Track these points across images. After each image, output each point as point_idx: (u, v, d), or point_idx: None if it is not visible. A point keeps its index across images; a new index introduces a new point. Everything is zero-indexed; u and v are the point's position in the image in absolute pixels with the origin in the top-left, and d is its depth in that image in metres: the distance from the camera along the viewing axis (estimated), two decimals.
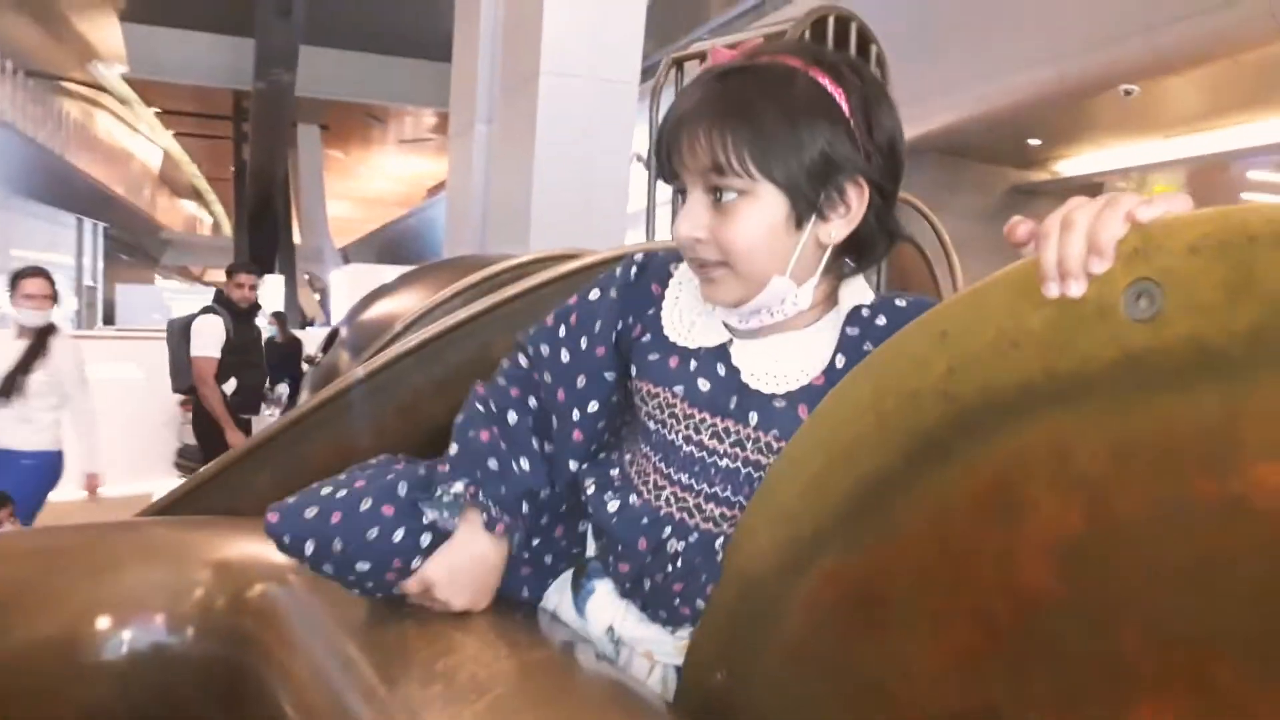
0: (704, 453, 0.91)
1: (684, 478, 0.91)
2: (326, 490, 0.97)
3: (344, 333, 3.49)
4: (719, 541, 0.90)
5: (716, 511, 0.90)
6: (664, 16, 15.87)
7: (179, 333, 5.47)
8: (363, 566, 0.91)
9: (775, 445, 0.88)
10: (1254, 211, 0.49)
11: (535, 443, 0.98)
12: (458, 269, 3.48)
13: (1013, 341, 0.59)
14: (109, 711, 1.11)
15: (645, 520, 0.92)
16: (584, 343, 0.98)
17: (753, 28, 2.97)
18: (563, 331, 1.00)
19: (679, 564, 0.91)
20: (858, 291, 0.93)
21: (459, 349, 2.02)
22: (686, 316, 0.96)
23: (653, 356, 0.95)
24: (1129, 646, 0.54)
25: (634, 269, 1.00)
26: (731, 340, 0.93)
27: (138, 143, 32.53)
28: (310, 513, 0.93)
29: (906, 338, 0.66)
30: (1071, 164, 13.24)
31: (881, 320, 0.90)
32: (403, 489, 0.94)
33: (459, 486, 0.92)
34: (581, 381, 0.98)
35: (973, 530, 0.61)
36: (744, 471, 0.90)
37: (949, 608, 0.63)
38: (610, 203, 5.08)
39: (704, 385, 0.91)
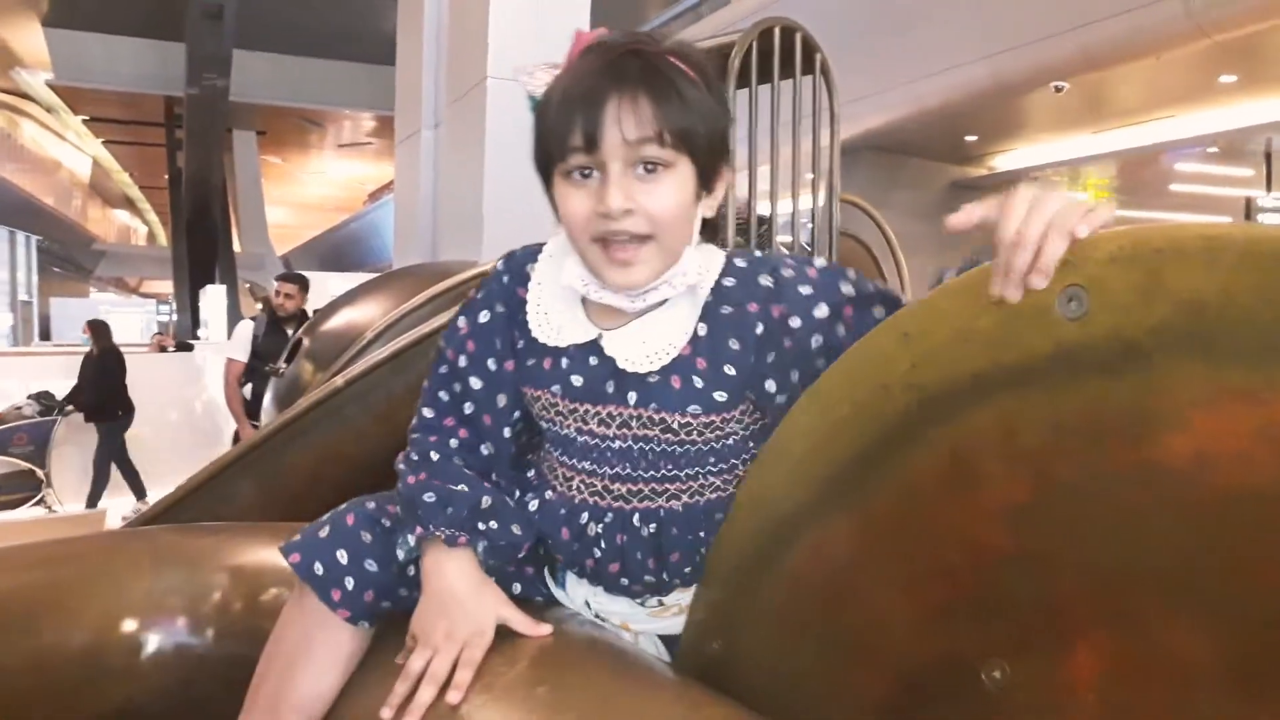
0: (596, 439, 0.96)
1: (585, 465, 0.98)
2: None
3: (307, 343, 3.53)
4: (635, 517, 0.96)
5: (623, 489, 0.96)
6: (605, 19, 15.90)
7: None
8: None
9: (657, 418, 0.93)
10: (1159, 229, 0.60)
11: (465, 467, 1.00)
12: (419, 278, 3.54)
13: (965, 339, 0.69)
14: (136, 711, 1.17)
15: (563, 511, 0.99)
16: (491, 364, 1.01)
17: (700, 41, 3.05)
18: (464, 362, 1.02)
19: (603, 544, 0.97)
20: (703, 257, 0.95)
21: (432, 356, 2.10)
22: (552, 318, 0.98)
23: (529, 361, 0.99)
24: (1068, 592, 0.65)
25: (505, 277, 1.02)
26: (601, 334, 0.95)
27: (65, 151, 31.66)
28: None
29: (874, 338, 0.77)
30: (1007, 159, 13.61)
31: (729, 281, 0.94)
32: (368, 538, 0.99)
33: (410, 539, 0.96)
34: (502, 400, 1.02)
35: (936, 500, 0.72)
36: (636, 448, 0.95)
37: (918, 569, 0.73)
38: None
39: (577, 380, 0.96)
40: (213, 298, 19.52)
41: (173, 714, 1.20)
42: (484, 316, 1.02)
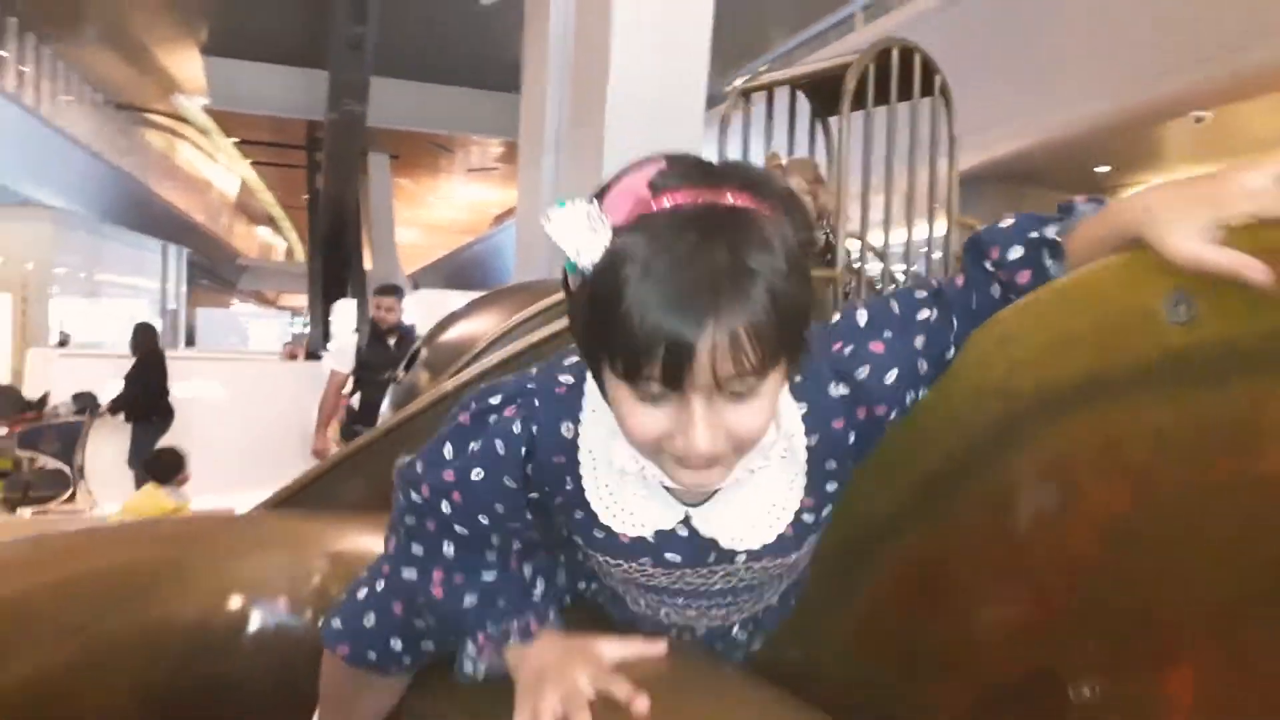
0: (693, 586, 0.86)
1: (679, 601, 0.88)
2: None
3: (424, 353, 3.66)
4: (734, 629, 0.90)
5: (723, 614, 0.89)
6: (728, 45, 16.04)
7: None
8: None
9: (773, 564, 0.83)
10: (1273, 229, 0.57)
11: (480, 554, 0.89)
12: (530, 293, 3.62)
13: (1065, 343, 0.67)
14: (236, 685, 1.23)
15: (650, 625, 0.91)
16: (483, 519, 0.86)
17: (815, 59, 3.05)
18: (447, 508, 0.86)
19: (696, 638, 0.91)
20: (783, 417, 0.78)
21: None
22: (621, 503, 0.82)
23: (598, 534, 0.84)
24: (1168, 611, 0.61)
25: (521, 450, 0.83)
26: (688, 515, 0.82)
27: (216, 171, 33.72)
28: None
29: (974, 342, 0.74)
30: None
31: (803, 408, 0.79)
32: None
33: (471, 649, 0.86)
34: (499, 523, 0.88)
35: (1029, 512, 0.69)
36: (743, 584, 0.86)
37: (1007, 583, 0.71)
38: None
39: (674, 556, 0.83)
40: (343, 312, 20.40)
41: (269, 691, 1.24)
42: (476, 474, 0.84)
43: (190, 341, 20.29)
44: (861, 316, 0.81)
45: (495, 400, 0.84)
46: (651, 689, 0.73)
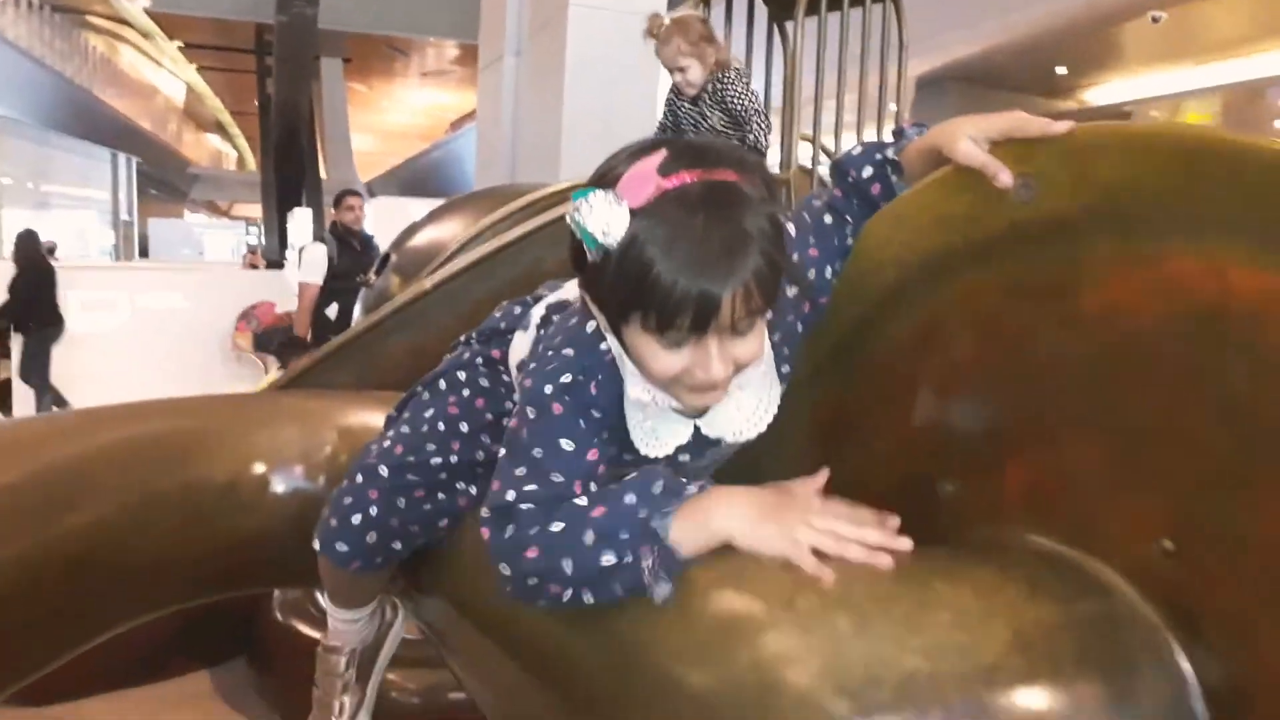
0: (686, 471, 0.98)
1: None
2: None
3: (394, 258, 3.79)
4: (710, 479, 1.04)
5: (702, 473, 1.03)
6: None
7: None
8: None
9: (745, 441, 0.99)
10: (1091, 128, 0.75)
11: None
12: (497, 198, 3.74)
13: (943, 221, 0.85)
14: (260, 538, 1.42)
15: None
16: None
17: None
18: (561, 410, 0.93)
19: None
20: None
21: (512, 264, 2.32)
22: (648, 432, 0.97)
23: (627, 456, 0.98)
24: (1007, 422, 0.82)
25: (570, 397, 0.93)
26: (696, 425, 0.97)
27: (161, 77, 32.60)
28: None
29: (873, 224, 0.93)
30: (1100, 92, 13.16)
31: (791, 292, 0.95)
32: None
33: (649, 560, 0.82)
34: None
35: (915, 357, 0.89)
36: (725, 457, 1.04)
37: (897, 410, 0.91)
38: (637, 133, 5.25)
39: (684, 457, 0.99)
40: (300, 221, 20.14)
41: (288, 543, 1.43)
42: (594, 431, 0.94)
43: (144, 253, 19.99)
44: (791, 229, 0.96)
45: (566, 378, 0.94)
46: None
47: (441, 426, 1.17)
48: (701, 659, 0.76)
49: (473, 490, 1.17)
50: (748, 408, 0.96)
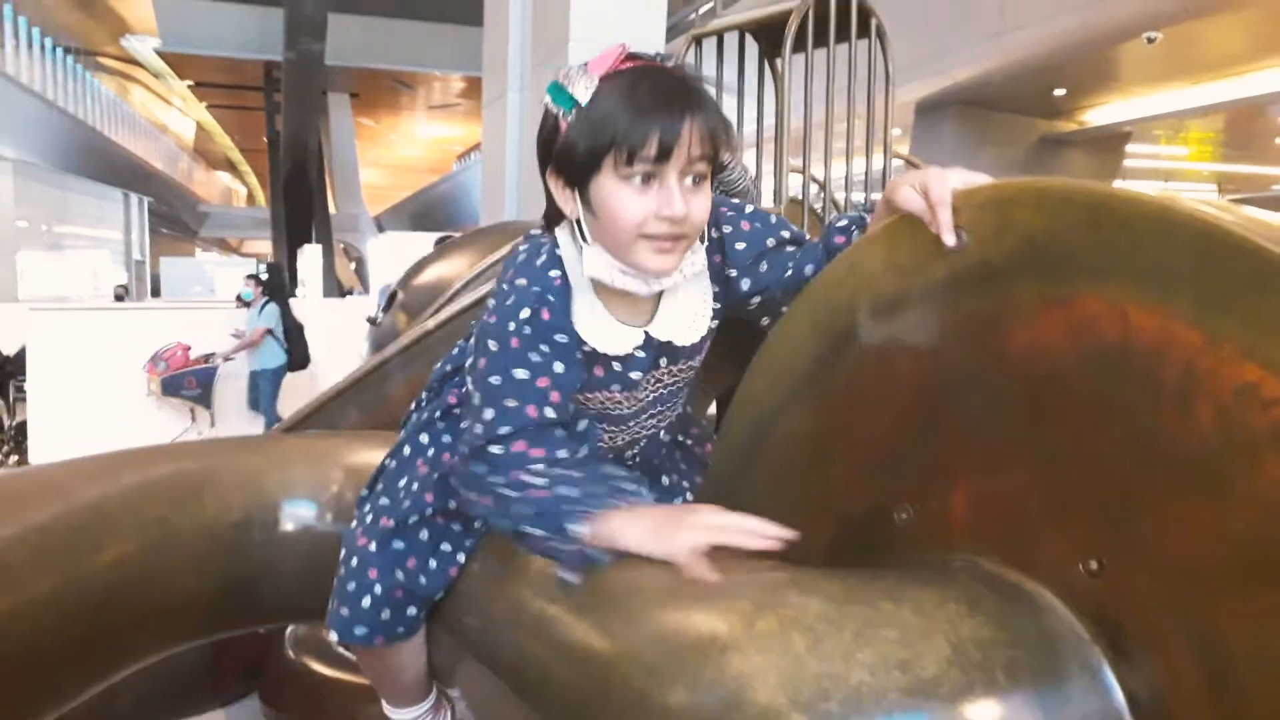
0: (643, 402, 1.16)
1: (630, 424, 1.19)
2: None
3: (401, 295, 3.89)
4: (661, 434, 1.23)
5: (654, 422, 1.21)
6: None
7: None
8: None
9: (687, 366, 1.16)
10: (1013, 183, 0.83)
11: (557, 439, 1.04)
12: (501, 234, 3.85)
13: (890, 268, 0.93)
14: (275, 572, 1.49)
15: (610, 455, 1.19)
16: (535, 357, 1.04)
17: (760, 9, 3.25)
18: (517, 344, 1.04)
19: (637, 459, 1.23)
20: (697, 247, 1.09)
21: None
22: (600, 325, 1.08)
23: (583, 375, 1.08)
24: (950, 451, 0.89)
25: (529, 330, 1.04)
26: (646, 332, 1.09)
27: (172, 116, 33.12)
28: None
29: (831, 269, 1.01)
30: (1100, 113, 13.25)
31: (715, 233, 1.12)
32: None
33: (569, 548, 0.97)
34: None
35: (868, 389, 0.96)
36: (667, 391, 1.18)
37: (853, 440, 0.98)
38: None
39: (635, 374, 1.11)
40: (309, 257, 20.36)
41: (299, 578, 1.50)
42: (553, 358, 1.04)
43: (156, 292, 20.20)
44: (747, 208, 1.16)
45: (525, 313, 1.05)
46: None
47: (415, 487, 1.24)
48: (674, 678, 0.83)
49: (464, 535, 1.23)
50: (687, 315, 1.11)
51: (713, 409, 2.07)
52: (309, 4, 19.08)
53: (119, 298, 12.44)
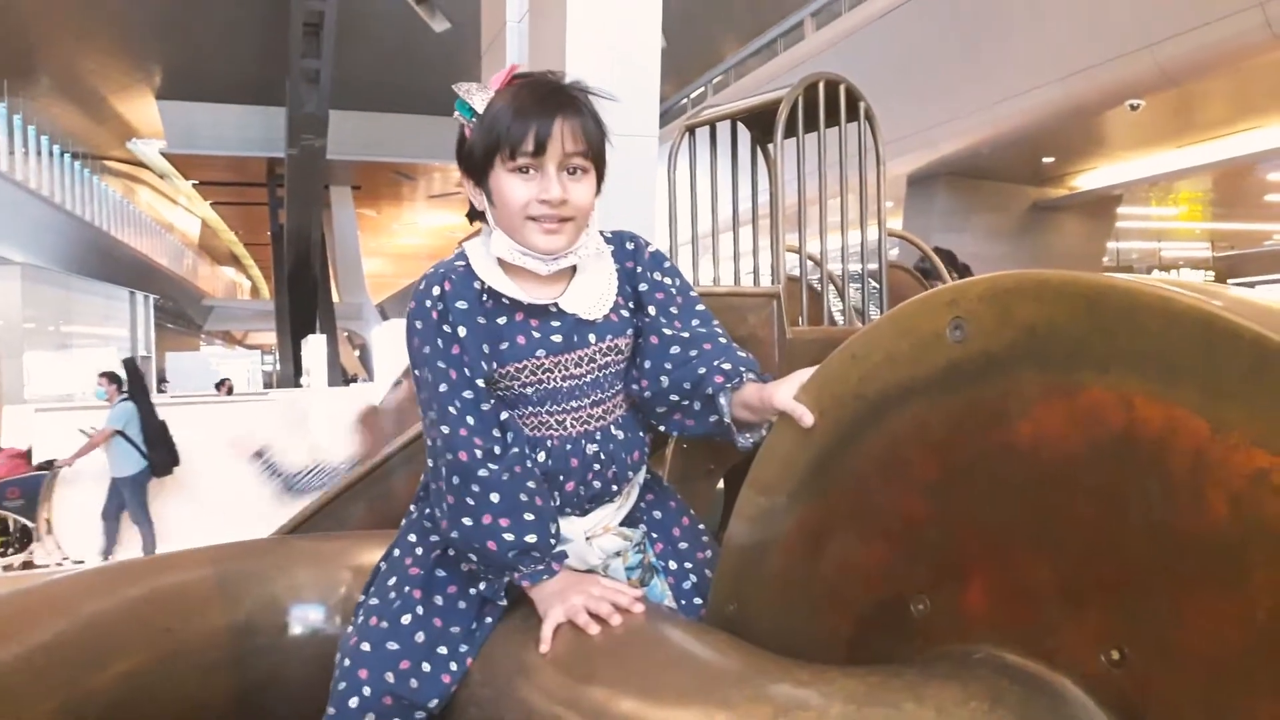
0: (574, 380, 1.25)
1: (573, 404, 1.26)
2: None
3: (405, 383, 3.90)
4: (613, 427, 1.28)
5: (600, 410, 1.27)
6: (679, 66, 16.47)
7: None
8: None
9: (612, 345, 1.27)
10: (1011, 275, 0.84)
11: (503, 461, 1.20)
12: None
13: (892, 359, 0.94)
14: (281, 679, 1.47)
15: (569, 446, 1.25)
16: (483, 364, 1.22)
17: (750, 98, 3.33)
18: (463, 371, 1.21)
19: (602, 457, 1.27)
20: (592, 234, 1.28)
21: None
22: (509, 287, 1.22)
23: (504, 345, 1.22)
24: (963, 541, 0.88)
25: (440, 306, 1.22)
26: (556, 301, 1.24)
27: (177, 214, 33.70)
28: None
29: (833, 359, 1.02)
30: (1090, 178, 13.46)
31: (611, 248, 1.31)
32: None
33: (498, 585, 1.21)
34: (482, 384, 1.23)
35: (876, 479, 0.96)
36: (604, 374, 1.27)
37: (865, 529, 0.97)
38: None
39: (556, 339, 1.24)
40: (313, 347, 20.48)
41: (307, 684, 1.48)
42: (457, 323, 1.21)
43: (160, 387, 20.26)
44: (670, 264, 1.35)
45: (423, 299, 1.24)
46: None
47: (407, 588, 1.27)
48: None
49: (461, 640, 1.23)
50: (592, 293, 1.27)
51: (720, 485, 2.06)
52: (310, 102, 19.59)
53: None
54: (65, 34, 18.63)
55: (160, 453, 6.88)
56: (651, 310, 1.31)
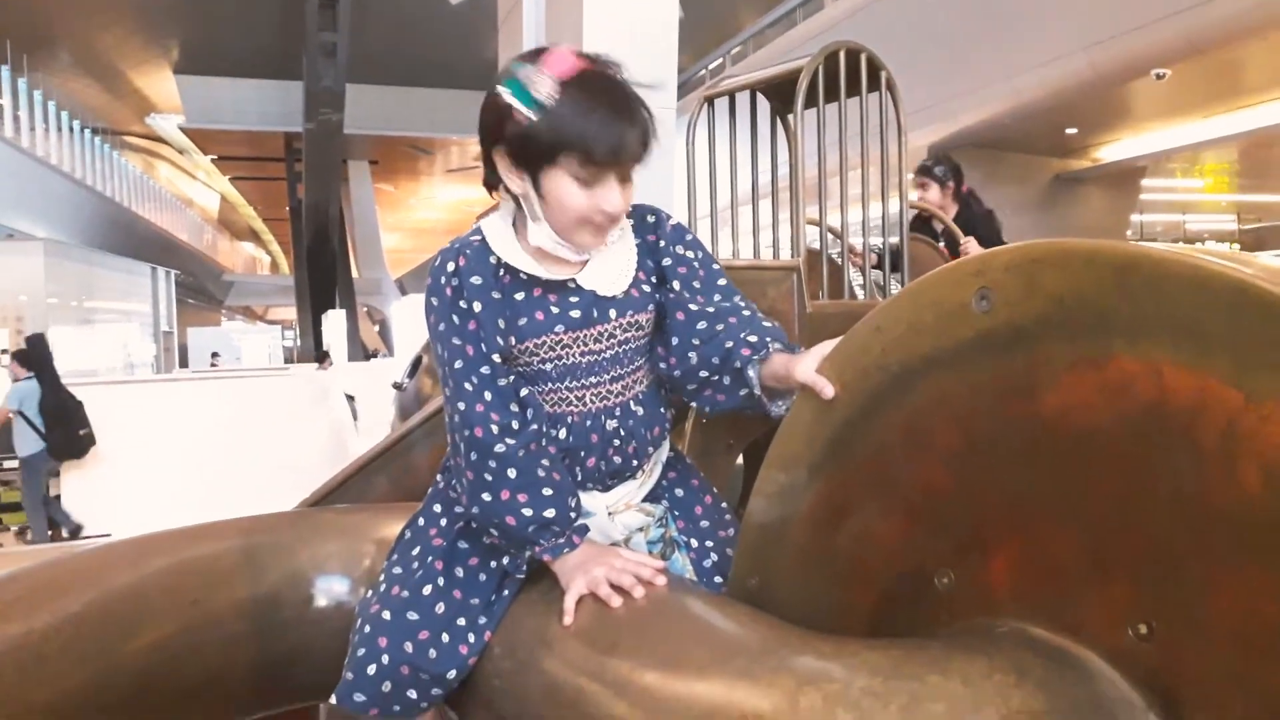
0: (594, 355, 1.24)
1: (591, 379, 1.25)
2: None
3: (426, 360, 3.91)
4: (632, 403, 1.27)
5: (619, 386, 1.26)
6: (696, 36, 16.29)
7: None
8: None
9: (631, 321, 1.26)
10: (1038, 244, 0.83)
11: (522, 438, 1.20)
12: None
13: (916, 330, 0.93)
14: (305, 651, 1.48)
15: (589, 422, 1.25)
16: (499, 339, 1.22)
17: (777, 63, 3.29)
18: (478, 346, 1.21)
19: (622, 433, 1.26)
20: None
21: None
22: (527, 263, 1.23)
23: (522, 321, 1.22)
24: (989, 513, 0.88)
25: (455, 281, 1.22)
26: (575, 277, 1.24)
27: (196, 189, 33.84)
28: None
29: (856, 331, 1.01)
30: (1114, 149, 13.26)
31: (631, 223, 1.30)
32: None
33: (520, 559, 1.22)
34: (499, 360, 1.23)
35: (900, 450, 0.95)
36: (624, 349, 1.26)
37: (888, 502, 0.97)
38: None
39: (575, 314, 1.23)
40: (333, 322, 20.59)
41: (332, 656, 1.49)
42: (472, 299, 1.21)
43: (184, 363, 20.43)
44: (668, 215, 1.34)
45: (440, 275, 1.24)
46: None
47: (430, 558, 1.28)
48: None
49: (481, 611, 1.24)
50: (612, 270, 1.26)
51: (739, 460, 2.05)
52: (327, 76, 19.56)
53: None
54: (84, 9, 18.66)
55: (58, 434, 6.50)
56: (676, 285, 1.30)
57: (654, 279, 1.31)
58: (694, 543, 1.34)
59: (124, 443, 6.97)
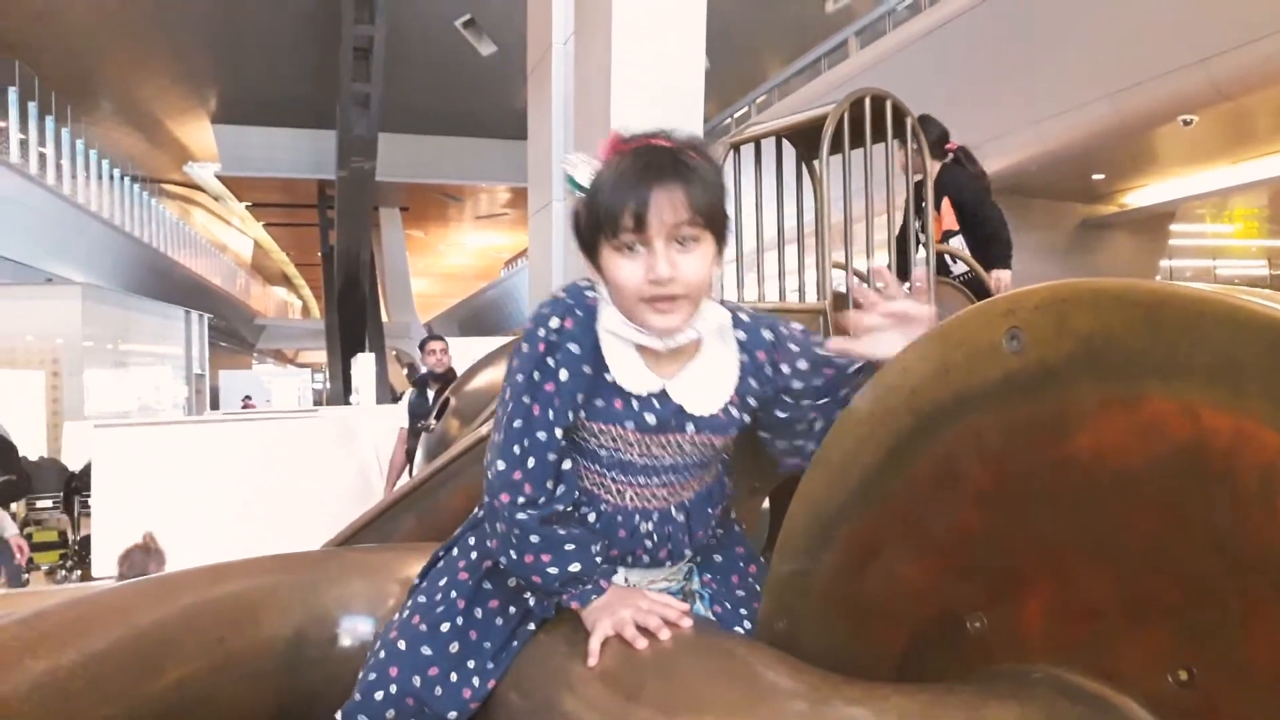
0: (653, 459, 1.20)
1: (639, 479, 1.21)
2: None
3: (453, 402, 3.92)
4: (673, 510, 1.23)
5: (665, 492, 1.22)
6: (721, 86, 16.49)
7: None
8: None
9: (709, 441, 1.20)
10: (1068, 284, 0.82)
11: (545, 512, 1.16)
12: None
13: (945, 371, 0.92)
14: (328, 693, 1.47)
15: (619, 518, 1.22)
16: (570, 414, 1.17)
17: (803, 110, 3.32)
18: (545, 413, 1.15)
19: (655, 537, 1.23)
20: (710, 308, 1.20)
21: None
22: (625, 365, 1.17)
23: (598, 401, 1.17)
24: (1021, 555, 0.86)
25: (553, 339, 1.16)
26: (665, 385, 1.18)
27: (231, 235, 34.47)
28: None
29: (884, 372, 1.00)
30: (1140, 195, 13.21)
31: (741, 335, 1.23)
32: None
33: (550, 605, 1.21)
34: (560, 435, 1.17)
35: (930, 492, 0.94)
36: (686, 462, 1.22)
37: (918, 544, 0.96)
38: None
39: (651, 419, 1.17)
40: (363, 365, 20.75)
41: None
42: (561, 365, 1.15)
43: (215, 405, 20.65)
44: (796, 325, 1.27)
45: (554, 322, 1.18)
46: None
47: (453, 594, 1.27)
48: None
49: (491, 657, 1.23)
50: (706, 387, 1.20)
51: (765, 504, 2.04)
52: (360, 125, 19.96)
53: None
54: (126, 61, 19.22)
55: None
56: (802, 402, 1.24)
57: (752, 401, 1.23)
58: (722, 609, 1.31)
59: (156, 483, 7.05)
